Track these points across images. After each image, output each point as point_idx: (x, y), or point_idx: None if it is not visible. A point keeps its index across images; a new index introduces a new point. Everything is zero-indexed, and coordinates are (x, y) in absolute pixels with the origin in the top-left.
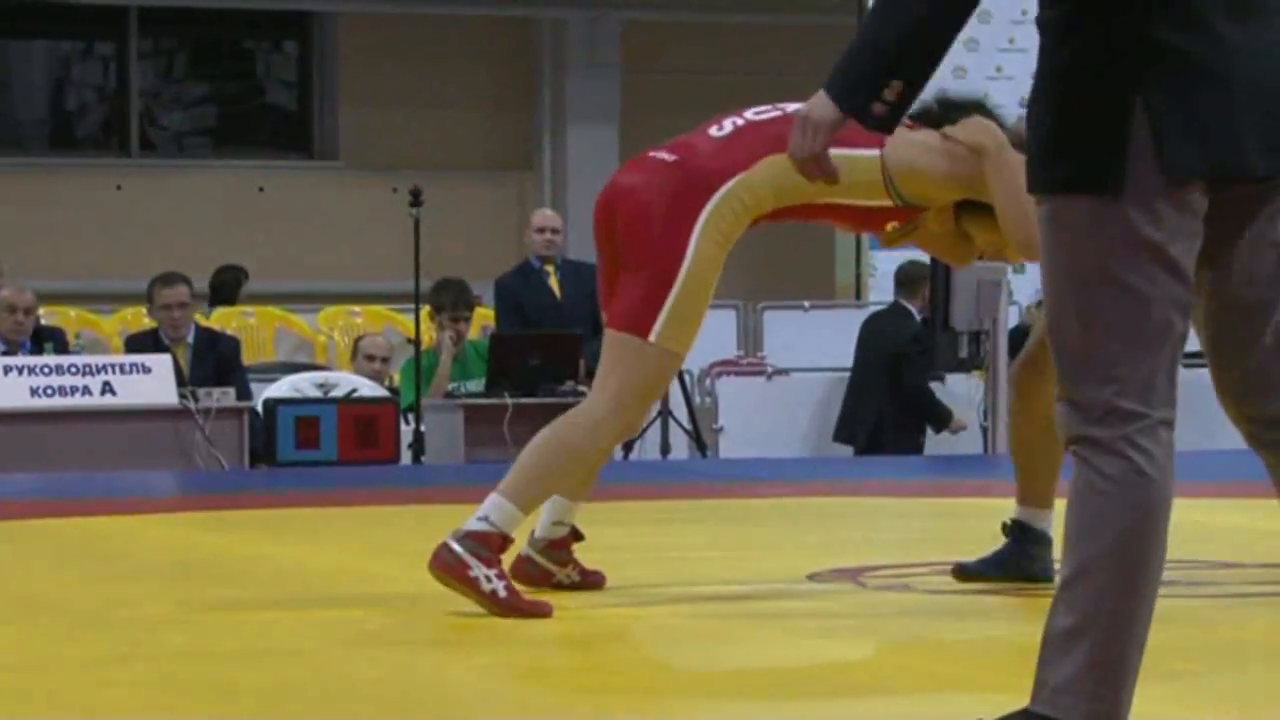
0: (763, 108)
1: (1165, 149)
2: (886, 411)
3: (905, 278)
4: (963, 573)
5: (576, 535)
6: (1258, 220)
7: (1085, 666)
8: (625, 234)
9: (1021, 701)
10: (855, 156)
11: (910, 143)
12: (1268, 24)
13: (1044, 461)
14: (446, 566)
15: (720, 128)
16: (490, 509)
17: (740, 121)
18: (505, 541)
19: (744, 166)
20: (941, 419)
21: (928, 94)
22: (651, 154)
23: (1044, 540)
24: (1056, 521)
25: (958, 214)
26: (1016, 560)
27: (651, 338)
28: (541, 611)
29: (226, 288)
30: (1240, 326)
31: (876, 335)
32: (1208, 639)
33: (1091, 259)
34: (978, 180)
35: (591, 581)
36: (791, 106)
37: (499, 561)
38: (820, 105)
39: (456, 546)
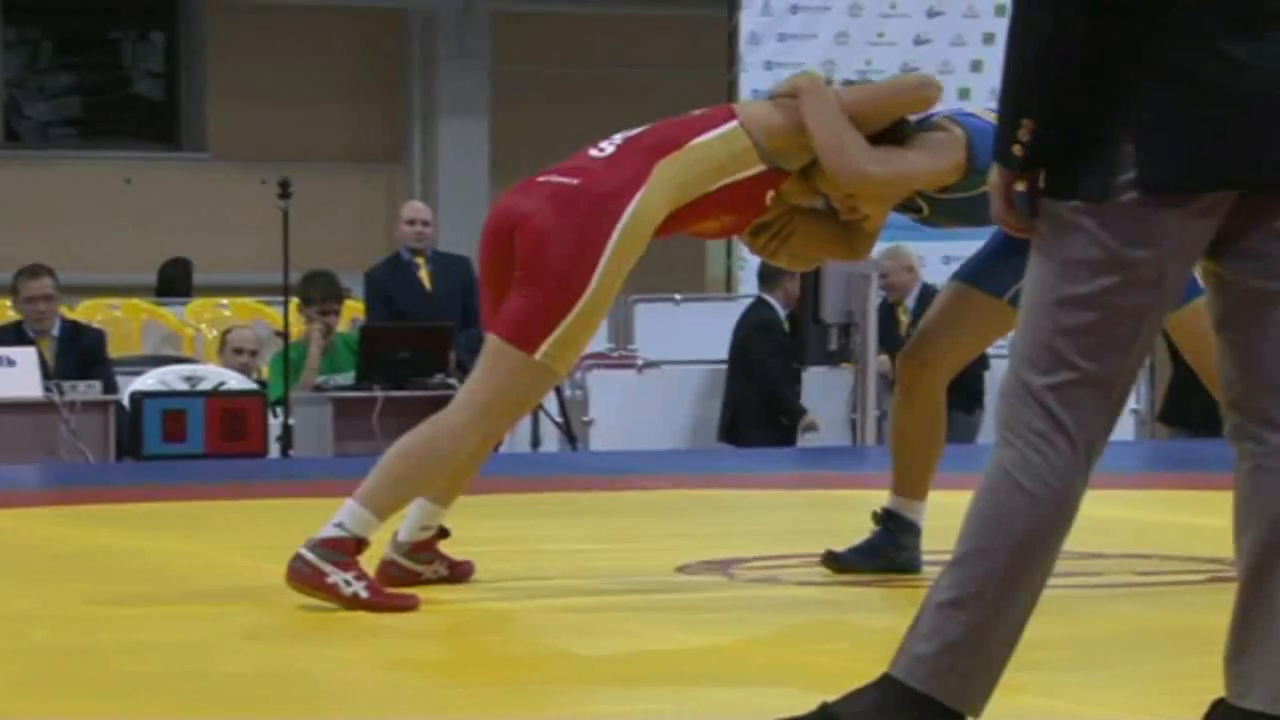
0: (629, 132)
1: (1141, 163)
2: (743, 403)
3: (766, 271)
4: (833, 561)
5: (442, 533)
6: (1277, 219)
7: (951, 642)
8: (529, 257)
9: None
10: (722, 133)
11: (752, 107)
12: (1276, 40)
13: (921, 454)
14: (303, 576)
15: (600, 149)
16: (345, 515)
17: (618, 139)
18: (361, 545)
19: (641, 182)
20: (791, 412)
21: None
22: (544, 179)
23: (914, 530)
24: (953, 515)
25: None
26: (886, 550)
27: (537, 355)
28: (407, 605)
29: (179, 280)
30: (1252, 319)
31: (739, 329)
32: (1071, 629)
33: (1064, 261)
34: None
35: (460, 573)
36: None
37: (356, 564)
38: (993, 172)
39: (310, 555)
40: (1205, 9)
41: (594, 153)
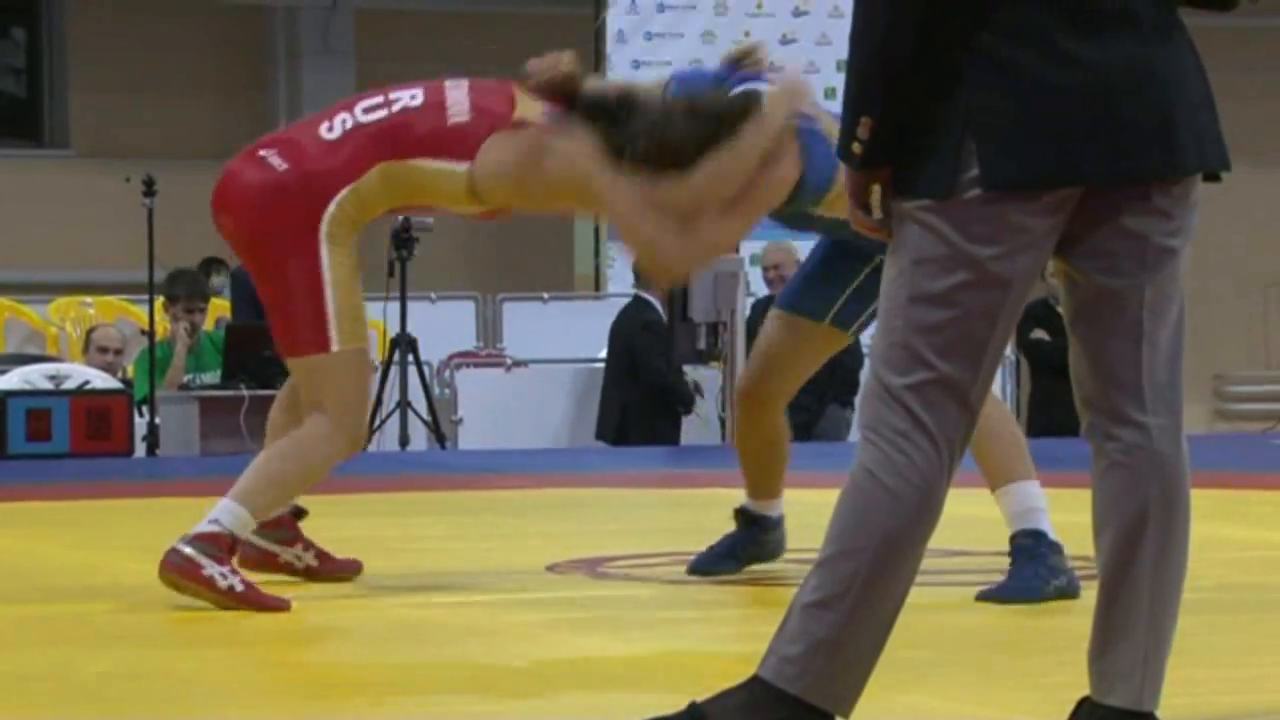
0: (374, 100)
1: (984, 160)
2: (631, 404)
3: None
4: (697, 569)
5: (298, 513)
6: (1124, 215)
7: (819, 643)
8: (253, 269)
9: None
10: (448, 170)
11: (494, 150)
12: (1121, 40)
13: (769, 466)
14: (178, 569)
15: (330, 127)
16: (221, 512)
17: (349, 122)
18: (235, 543)
19: (353, 176)
20: (686, 400)
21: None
22: (262, 153)
23: (771, 523)
24: (823, 513)
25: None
26: (747, 547)
27: (334, 348)
28: (280, 605)
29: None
30: (1101, 317)
31: (619, 328)
32: (939, 627)
33: (915, 260)
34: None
35: (334, 568)
36: (397, 93)
37: (230, 560)
38: (843, 173)
39: (187, 549)
40: (1044, 8)
41: (323, 130)
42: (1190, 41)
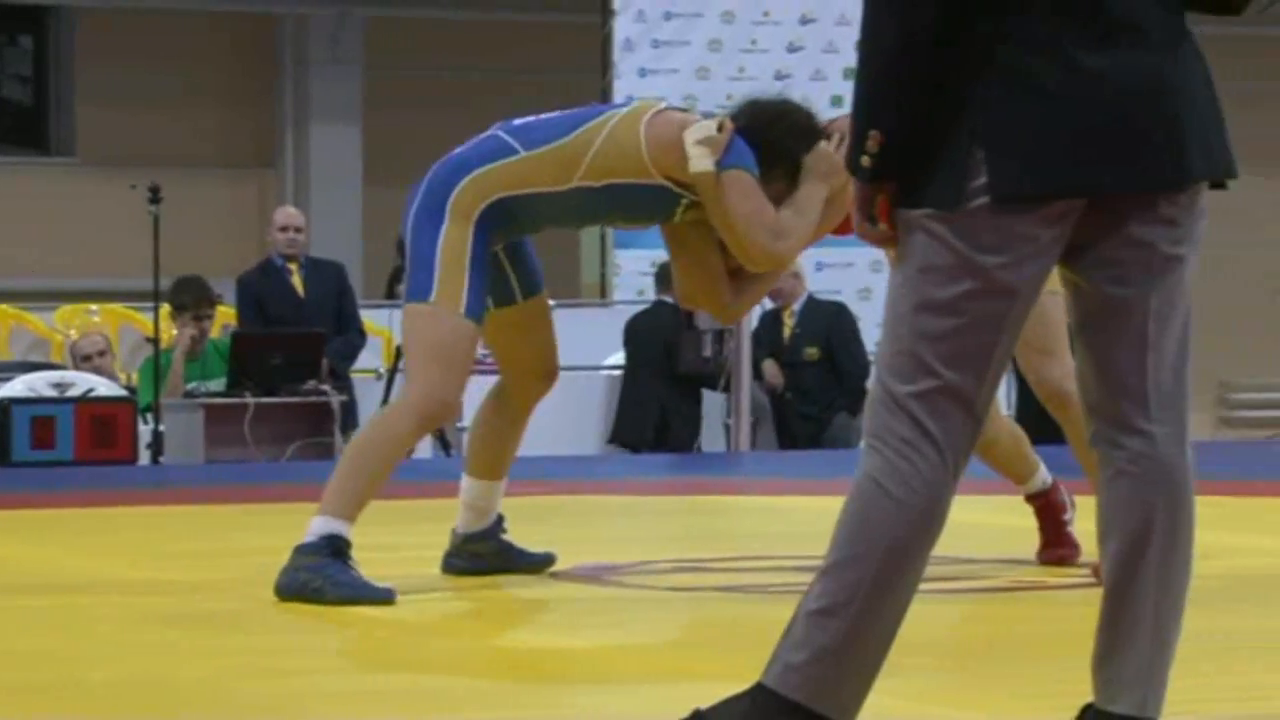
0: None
1: (993, 170)
2: (670, 403)
3: (664, 273)
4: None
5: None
6: (1131, 223)
7: (823, 651)
8: None
9: None
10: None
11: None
12: (1130, 49)
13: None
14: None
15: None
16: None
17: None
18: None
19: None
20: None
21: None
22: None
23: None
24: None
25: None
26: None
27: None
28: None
29: None
30: (1107, 325)
31: (645, 332)
32: (942, 634)
33: (921, 269)
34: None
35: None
36: None
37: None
38: (852, 186)
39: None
40: (1054, 18)
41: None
42: (1198, 49)
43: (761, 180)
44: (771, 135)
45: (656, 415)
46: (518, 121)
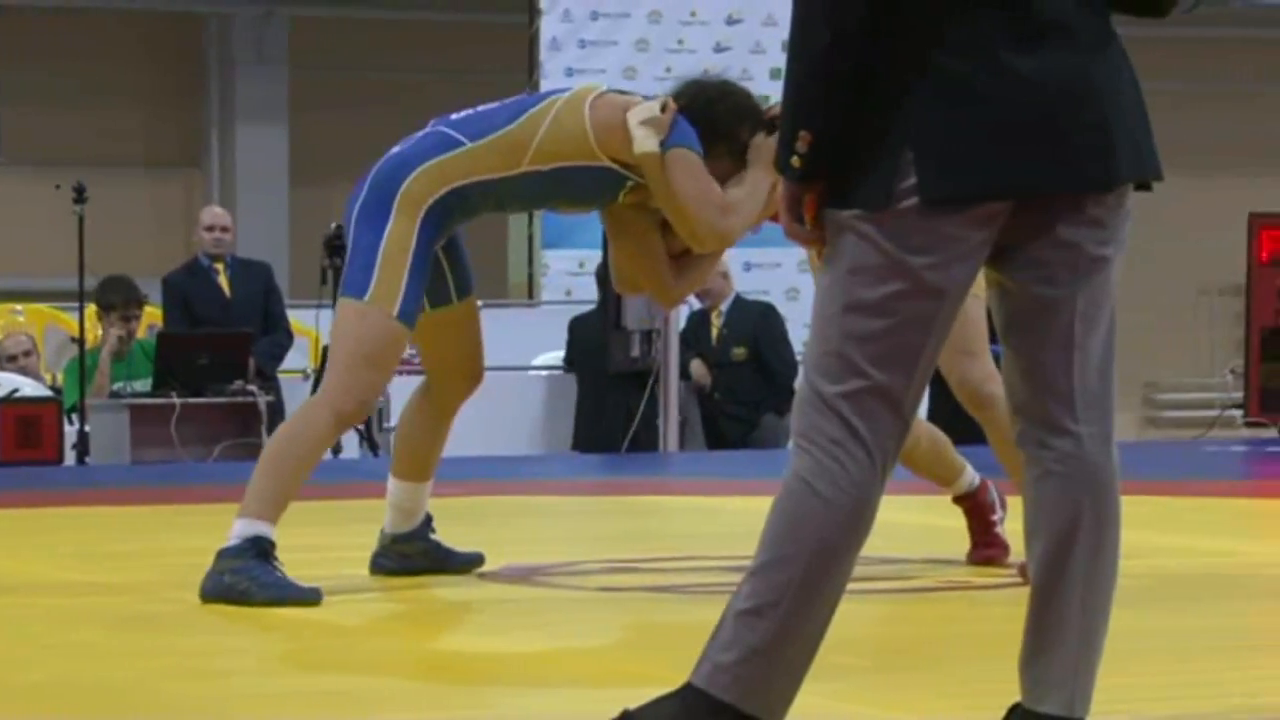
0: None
1: (922, 172)
2: (636, 403)
3: (604, 275)
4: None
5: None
6: (1058, 224)
7: (751, 651)
8: None
9: None
10: None
11: None
12: (1058, 51)
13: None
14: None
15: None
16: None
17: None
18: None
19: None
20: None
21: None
22: None
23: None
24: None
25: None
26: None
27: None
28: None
29: None
30: (1034, 326)
31: (594, 333)
32: (870, 633)
33: (850, 269)
34: None
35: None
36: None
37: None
38: (780, 185)
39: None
40: (983, 20)
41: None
42: (1124, 51)
43: (705, 159)
44: (714, 114)
45: (623, 419)
46: (455, 116)
